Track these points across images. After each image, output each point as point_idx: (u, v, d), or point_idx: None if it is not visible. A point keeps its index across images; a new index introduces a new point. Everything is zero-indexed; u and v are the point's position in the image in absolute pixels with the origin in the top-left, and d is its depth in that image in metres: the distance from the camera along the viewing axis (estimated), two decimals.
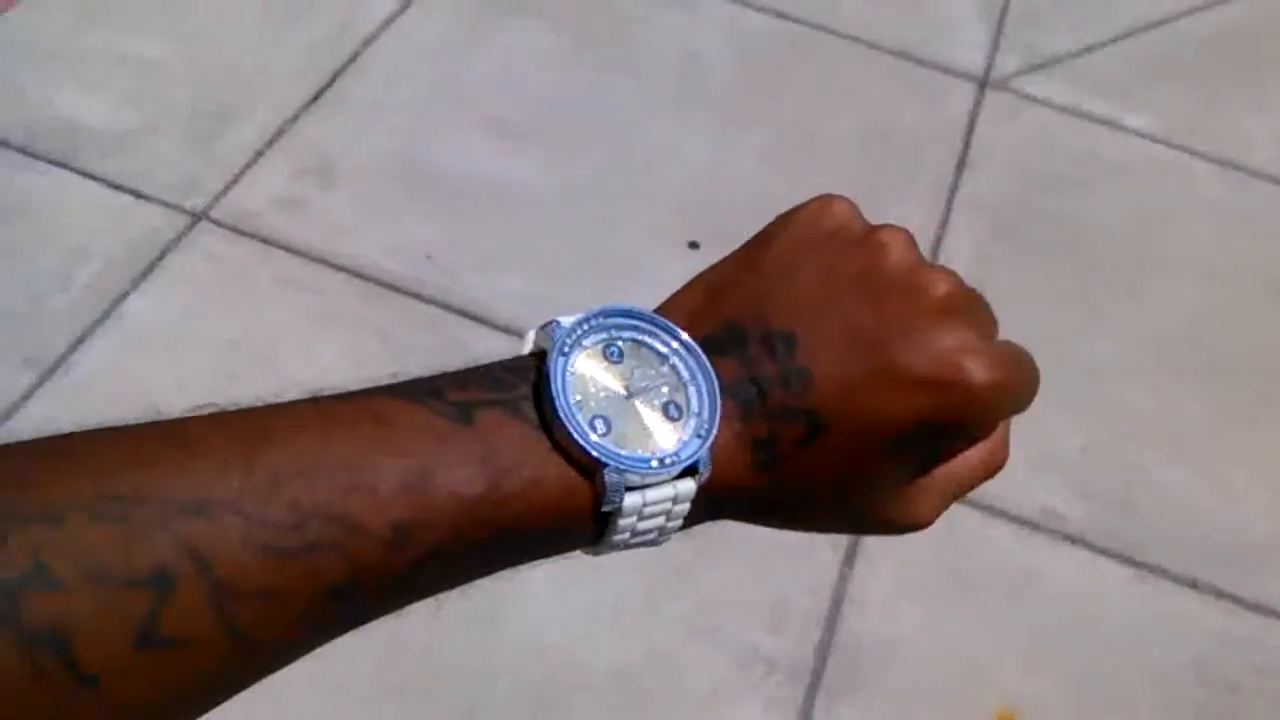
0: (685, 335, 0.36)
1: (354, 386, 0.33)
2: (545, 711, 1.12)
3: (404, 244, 1.48)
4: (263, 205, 1.49)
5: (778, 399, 0.35)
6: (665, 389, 0.35)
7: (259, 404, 0.32)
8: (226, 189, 1.50)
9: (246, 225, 1.47)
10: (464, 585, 0.34)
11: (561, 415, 0.33)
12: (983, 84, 1.85)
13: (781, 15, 1.90)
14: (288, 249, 1.45)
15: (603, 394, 0.35)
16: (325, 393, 0.33)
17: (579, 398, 0.34)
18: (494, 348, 1.36)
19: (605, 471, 0.33)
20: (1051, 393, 1.61)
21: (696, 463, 0.34)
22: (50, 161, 1.50)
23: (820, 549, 1.20)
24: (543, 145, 1.64)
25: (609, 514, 0.34)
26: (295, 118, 1.60)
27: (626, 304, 0.36)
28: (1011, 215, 1.65)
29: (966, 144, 1.74)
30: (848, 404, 0.35)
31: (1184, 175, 1.76)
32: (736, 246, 0.40)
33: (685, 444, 0.35)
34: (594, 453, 0.33)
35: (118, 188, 1.48)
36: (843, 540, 1.21)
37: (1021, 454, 1.61)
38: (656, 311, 0.38)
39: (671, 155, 1.65)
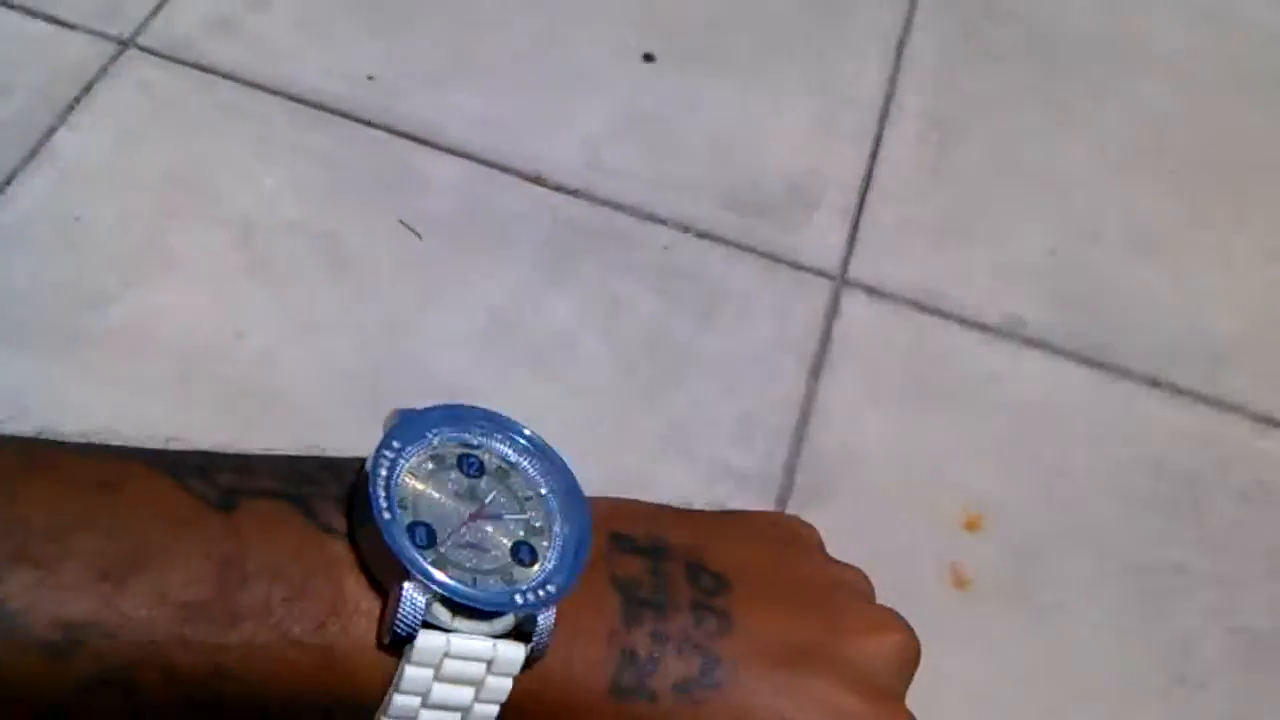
0: (575, 478, 0.28)
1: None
2: None
3: (345, 65, 1.41)
4: (192, 29, 1.41)
5: (680, 625, 0.27)
6: (522, 527, 0.26)
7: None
8: (153, 13, 1.42)
9: (178, 51, 1.39)
10: None
11: (373, 507, 0.24)
12: None
13: None
14: (223, 74, 1.38)
15: (436, 505, 0.25)
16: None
17: (404, 496, 0.25)
18: (443, 170, 1.31)
19: (406, 585, 0.24)
20: (1019, 199, 1.59)
21: (533, 623, 0.25)
22: None
23: (785, 362, 1.20)
24: None
25: (396, 657, 0.25)
26: None
27: (513, 419, 0.27)
28: (975, 17, 1.60)
29: None
30: (758, 677, 0.28)
31: None
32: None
33: (526, 592, 0.25)
34: (400, 557, 0.24)
35: (33, 14, 1.40)
36: (808, 354, 1.20)
37: (987, 261, 1.59)
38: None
39: None
